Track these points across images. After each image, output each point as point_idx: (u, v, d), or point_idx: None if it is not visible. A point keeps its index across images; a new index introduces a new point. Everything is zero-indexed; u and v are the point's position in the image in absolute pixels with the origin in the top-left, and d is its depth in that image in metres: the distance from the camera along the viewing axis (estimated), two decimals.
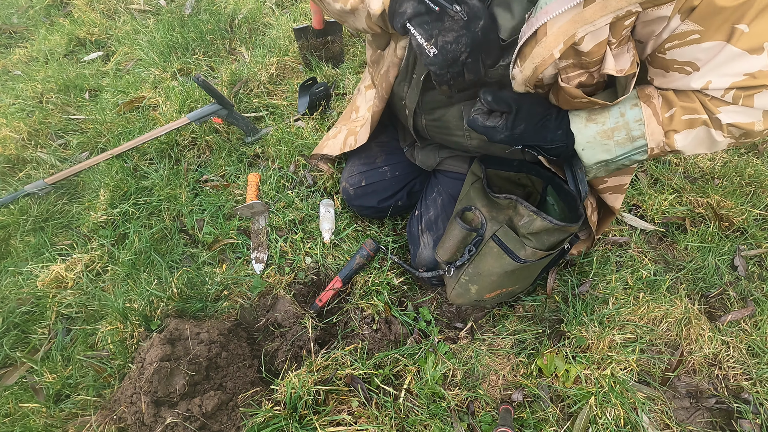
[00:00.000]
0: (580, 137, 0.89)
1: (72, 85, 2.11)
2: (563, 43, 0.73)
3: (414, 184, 1.48)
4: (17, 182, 1.77)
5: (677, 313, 1.30)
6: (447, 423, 1.13)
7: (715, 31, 0.67)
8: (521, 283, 1.22)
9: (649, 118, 0.82)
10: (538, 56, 0.76)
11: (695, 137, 0.82)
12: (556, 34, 0.73)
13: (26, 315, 1.41)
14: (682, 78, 0.77)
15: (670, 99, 0.82)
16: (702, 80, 0.74)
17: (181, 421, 1.09)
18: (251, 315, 1.35)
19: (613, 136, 0.86)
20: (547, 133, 0.90)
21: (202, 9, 2.43)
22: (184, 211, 1.60)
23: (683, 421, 1.17)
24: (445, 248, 1.16)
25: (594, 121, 0.86)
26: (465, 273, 1.17)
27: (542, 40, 0.75)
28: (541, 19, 0.74)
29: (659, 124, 0.82)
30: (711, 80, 0.74)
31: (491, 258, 1.12)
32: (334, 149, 1.51)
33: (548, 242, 1.06)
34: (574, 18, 0.71)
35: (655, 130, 0.83)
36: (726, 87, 0.73)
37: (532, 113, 0.89)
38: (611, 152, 0.88)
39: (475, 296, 1.19)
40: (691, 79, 0.75)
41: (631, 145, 0.86)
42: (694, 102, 0.80)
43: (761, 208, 1.53)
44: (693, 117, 0.80)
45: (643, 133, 0.83)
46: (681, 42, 0.71)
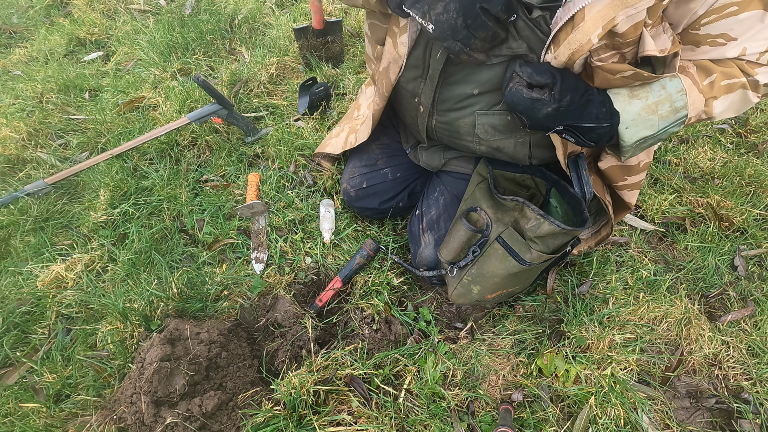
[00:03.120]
0: (626, 115, 0.86)
1: (72, 85, 2.11)
2: (602, 28, 0.72)
3: (415, 185, 1.48)
4: (17, 182, 1.77)
5: (677, 313, 1.30)
6: (447, 423, 1.13)
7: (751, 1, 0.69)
8: (522, 284, 1.23)
9: (689, 87, 0.82)
10: (575, 42, 0.75)
11: (732, 101, 0.83)
12: (595, 18, 0.72)
13: (26, 315, 1.41)
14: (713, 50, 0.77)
15: (707, 66, 0.82)
16: (738, 48, 0.76)
17: (181, 421, 1.09)
18: (251, 315, 1.35)
19: (657, 110, 0.85)
20: (592, 109, 0.85)
21: (202, 9, 2.43)
22: (184, 211, 1.60)
23: (683, 421, 1.17)
24: (449, 248, 1.15)
25: (637, 97, 0.84)
26: (468, 273, 1.17)
27: (580, 25, 0.74)
28: (579, 4, 0.73)
29: (700, 92, 0.83)
30: (747, 47, 0.75)
31: (496, 260, 1.11)
32: (336, 148, 1.51)
33: (553, 245, 1.06)
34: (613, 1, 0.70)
35: (697, 98, 0.83)
36: (762, 51, 0.75)
37: (576, 85, 0.85)
38: (654, 127, 0.87)
39: (477, 296, 1.19)
40: (727, 49, 0.76)
41: (674, 116, 0.85)
42: (732, 67, 0.80)
43: (761, 208, 1.53)
44: (732, 81, 0.81)
45: (685, 103, 0.83)
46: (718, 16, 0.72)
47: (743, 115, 1.81)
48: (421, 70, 1.09)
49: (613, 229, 1.26)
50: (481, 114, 1.08)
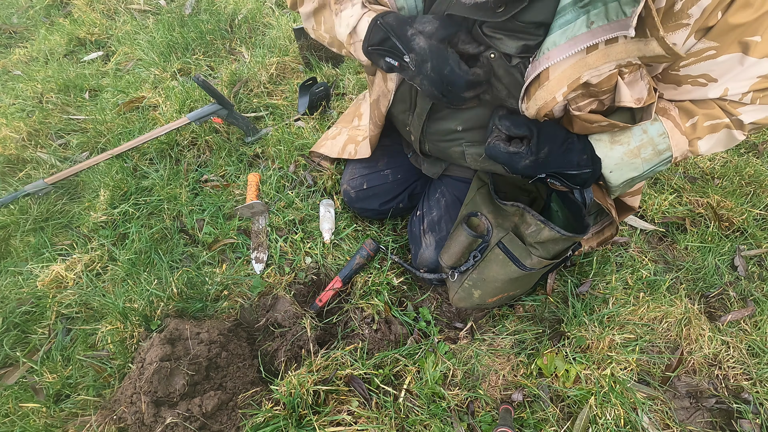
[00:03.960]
0: (608, 161, 0.87)
1: (72, 85, 2.11)
2: (567, 87, 0.74)
3: (415, 186, 1.48)
4: (17, 182, 1.77)
5: (677, 313, 1.30)
6: (447, 423, 1.13)
7: (729, 45, 0.69)
8: (523, 287, 1.23)
9: (671, 130, 0.82)
10: (540, 99, 0.78)
11: (717, 140, 0.83)
12: (559, 78, 0.74)
13: (26, 315, 1.41)
14: (696, 90, 0.77)
15: (689, 108, 0.82)
16: (719, 89, 0.75)
17: (181, 421, 1.09)
18: (251, 315, 1.35)
19: (640, 154, 0.85)
20: (572, 156, 0.86)
21: (202, 9, 2.43)
22: (184, 211, 1.60)
23: (683, 421, 1.17)
24: (450, 254, 1.16)
25: (618, 143, 0.85)
26: (469, 278, 1.18)
27: (545, 83, 0.76)
28: (543, 64, 0.74)
29: (682, 134, 0.83)
30: (728, 87, 0.75)
31: (496, 265, 1.12)
32: (332, 151, 1.51)
33: (554, 251, 1.06)
34: (577, 63, 0.72)
35: (680, 140, 0.83)
36: (744, 91, 0.75)
37: (554, 135, 0.86)
38: (639, 169, 0.88)
39: (478, 300, 1.20)
40: (708, 90, 0.76)
41: (658, 158, 0.86)
42: (714, 108, 0.80)
43: (761, 208, 1.53)
44: (715, 122, 0.80)
45: (668, 145, 0.83)
46: (697, 59, 0.72)
47: None
48: (409, 104, 1.13)
49: (618, 231, 1.26)
50: (468, 146, 1.11)
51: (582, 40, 0.69)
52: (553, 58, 0.73)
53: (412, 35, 0.83)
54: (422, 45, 0.82)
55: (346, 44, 0.95)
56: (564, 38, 0.71)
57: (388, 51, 0.88)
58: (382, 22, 0.87)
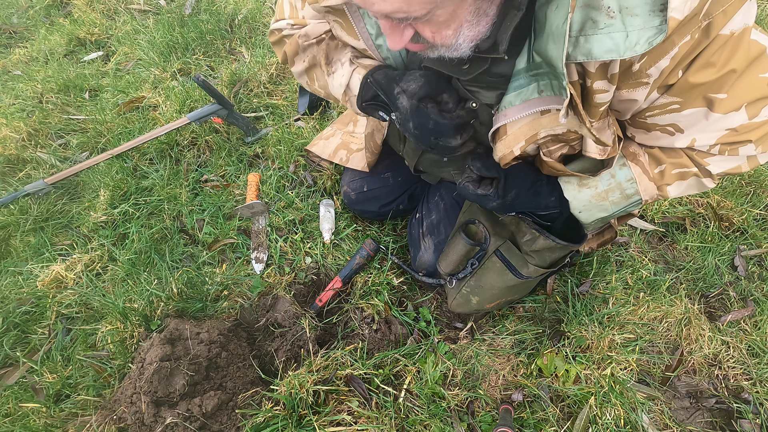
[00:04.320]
0: (576, 203, 0.90)
1: (72, 85, 2.11)
2: (524, 141, 0.77)
3: (415, 188, 1.48)
4: (17, 182, 1.77)
5: (677, 313, 1.30)
6: (447, 423, 1.13)
7: (693, 100, 0.68)
8: (521, 293, 1.25)
9: (639, 176, 0.84)
10: (499, 151, 0.82)
11: (687, 185, 0.84)
12: (516, 134, 0.78)
13: (26, 315, 1.41)
14: (665, 137, 0.77)
15: (657, 156, 0.83)
16: (686, 140, 0.75)
17: (181, 421, 1.09)
18: (251, 315, 1.35)
19: (608, 197, 0.88)
20: (540, 199, 0.91)
21: (202, 9, 2.43)
22: (184, 211, 1.60)
23: (683, 421, 1.17)
24: (448, 261, 1.17)
25: (586, 186, 0.88)
26: (467, 285, 1.19)
27: (503, 137, 0.80)
28: (501, 120, 0.77)
29: (651, 180, 0.84)
30: (696, 138, 0.74)
31: (494, 273, 1.14)
32: (323, 151, 1.51)
33: (550, 259, 1.07)
34: (532, 122, 0.75)
35: (648, 186, 0.84)
36: (711, 144, 0.74)
37: (523, 179, 0.90)
38: (608, 210, 0.90)
39: (476, 306, 1.21)
40: (676, 139, 0.76)
41: (626, 201, 0.88)
42: (682, 157, 0.81)
43: (761, 208, 1.53)
44: (683, 170, 0.81)
45: (636, 190, 0.85)
46: (661, 111, 0.72)
47: None
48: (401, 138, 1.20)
49: (617, 234, 1.26)
50: (456, 173, 1.17)
51: (534, 104, 0.72)
52: (510, 116, 0.76)
53: (398, 94, 0.86)
54: (405, 105, 0.85)
55: (342, 101, 0.99)
56: (518, 100, 0.74)
57: (380, 105, 0.92)
58: (372, 80, 0.90)
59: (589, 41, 0.59)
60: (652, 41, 0.56)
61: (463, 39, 0.65)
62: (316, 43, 0.97)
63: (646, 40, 0.56)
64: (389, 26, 0.64)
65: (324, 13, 0.83)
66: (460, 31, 0.63)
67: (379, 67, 0.91)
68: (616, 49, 0.58)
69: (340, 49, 0.95)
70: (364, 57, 0.94)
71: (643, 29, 0.56)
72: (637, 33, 0.56)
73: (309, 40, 0.97)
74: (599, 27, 0.58)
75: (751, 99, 0.67)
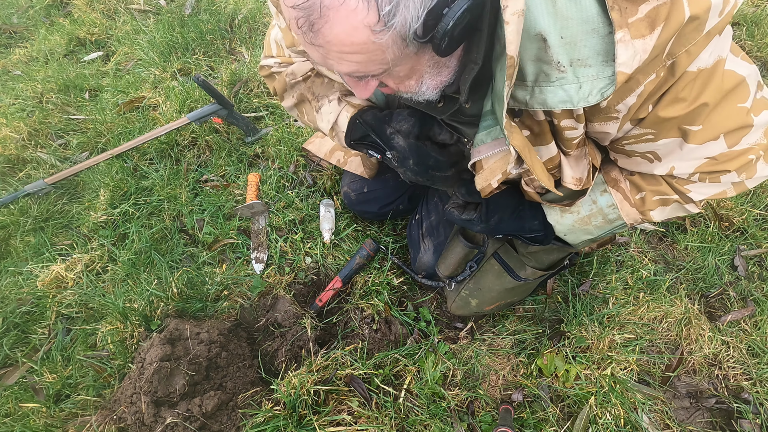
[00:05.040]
0: (560, 227, 0.92)
1: (72, 85, 2.11)
2: (501, 174, 0.80)
3: (415, 189, 1.48)
4: (17, 182, 1.77)
5: (677, 313, 1.30)
6: (447, 423, 1.13)
7: (667, 131, 0.68)
8: (520, 296, 1.26)
9: (620, 202, 0.85)
10: (479, 184, 0.85)
11: (670, 210, 0.85)
12: (492, 168, 0.81)
13: (26, 315, 1.41)
14: (645, 163, 0.78)
15: (637, 183, 0.84)
16: (666, 167, 0.75)
17: (181, 421, 1.09)
18: (251, 315, 1.35)
19: (591, 222, 0.90)
20: (524, 223, 0.94)
21: (202, 9, 2.43)
22: (184, 211, 1.60)
23: (683, 421, 1.17)
24: (446, 264, 1.18)
25: (569, 212, 0.90)
26: (466, 288, 1.20)
27: (481, 172, 0.83)
28: (475, 156, 0.81)
29: (632, 206, 0.85)
30: (675, 166, 0.74)
31: (492, 275, 1.15)
32: (319, 150, 1.52)
33: (548, 261, 1.07)
34: (504, 158, 0.77)
35: (630, 211, 0.86)
36: (691, 172, 0.74)
37: (505, 204, 0.92)
38: (592, 233, 0.92)
39: (475, 309, 1.22)
40: (655, 166, 0.76)
41: (610, 225, 0.90)
42: (662, 185, 0.81)
43: (761, 208, 1.53)
44: (664, 197, 0.82)
45: (618, 215, 0.87)
46: (637, 140, 0.72)
47: None
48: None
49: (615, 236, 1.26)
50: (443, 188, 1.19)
51: (502, 142, 0.75)
52: (483, 153, 0.79)
53: (391, 134, 0.89)
54: (402, 144, 0.88)
55: (329, 136, 1.01)
56: (489, 138, 0.77)
57: (370, 145, 0.95)
58: (361, 121, 0.92)
59: (543, 92, 0.60)
60: (605, 92, 0.57)
61: (426, 87, 0.66)
62: (302, 80, 1.00)
63: (598, 90, 0.57)
64: (352, 81, 0.65)
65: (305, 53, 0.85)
66: (422, 81, 0.65)
67: (367, 110, 0.94)
68: (569, 100, 0.59)
69: (327, 86, 0.97)
70: (352, 95, 0.97)
71: (597, 79, 0.57)
72: (590, 83, 0.57)
73: (296, 78, 0.99)
74: (551, 80, 0.59)
75: (729, 129, 0.67)
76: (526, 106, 0.63)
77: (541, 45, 0.57)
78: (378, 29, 0.50)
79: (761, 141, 0.70)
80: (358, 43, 0.52)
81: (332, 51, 0.54)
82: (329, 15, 0.49)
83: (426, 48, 0.57)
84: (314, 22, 0.51)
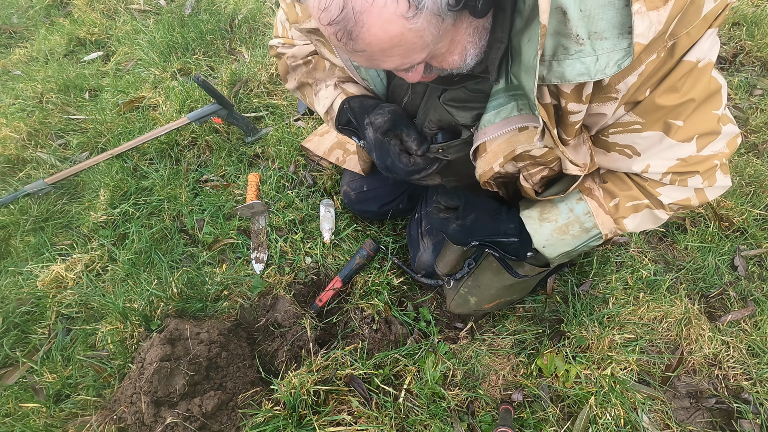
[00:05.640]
0: (539, 237, 0.93)
1: (72, 85, 2.11)
2: (503, 158, 0.81)
3: (415, 188, 1.48)
4: (17, 182, 1.77)
5: (677, 313, 1.30)
6: (447, 423, 1.13)
7: (653, 123, 0.72)
8: (519, 294, 1.25)
9: (596, 209, 0.87)
10: (480, 168, 0.86)
11: (642, 218, 0.87)
12: (495, 151, 0.82)
13: (26, 315, 1.41)
14: (622, 159, 0.80)
15: (611, 190, 0.86)
16: (642, 164, 0.78)
17: (181, 421, 1.09)
18: (251, 315, 1.35)
19: (568, 231, 0.91)
20: (500, 225, 0.95)
21: (202, 9, 2.43)
22: (184, 211, 1.60)
23: (683, 421, 1.17)
24: (445, 261, 1.18)
25: (547, 220, 0.91)
26: (464, 285, 1.20)
27: (483, 155, 0.84)
28: (481, 138, 0.81)
29: (607, 213, 0.87)
30: (650, 164, 0.78)
31: (490, 272, 1.15)
32: (318, 148, 1.52)
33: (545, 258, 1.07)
34: (510, 138, 0.78)
35: (605, 219, 0.88)
36: (664, 171, 0.78)
37: (483, 205, 0.94)
38: (570, 244, 0.93)
39: (475, 306, 1.22)
40: (633, 162, 0.79)
41: (587, 235, 0.91)
42: (633, 189, 0.84)
43: (761, 208, 1.53)
44: (636, 203, 0.85)
45: (594, 223, 0.88)
46: (624, 129, 0.75)
47: (743, 115, 1.81)
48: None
49: None
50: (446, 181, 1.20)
51: (514, 121, 0.75)
52: (489, 134, 0.79)
53: (366, 125, 0.93)
54: (370, 136, 0.92)
55: (324, 119, 1.05)
56: (498, 118, 0.77)
57: (353, 131, 0.99)
58: (348, 106, 0.97)
59: (561, 66, 0.62)
60: (621, 63, 0.58)
61: (470, 58, 0.67)
62: (303, 64, 1.02)
63: (615, 62, 0.58)
64: (401, 72, 0.68)
65: (307, 33, 0.86)
66: (466, 53, 0.66)
67: (356, 97, 0.97)
68: (587, 72, 0.60)
69: (327, 72, 1.00)
70: (349, 82, 1.00)
71: (613, 51, 0.58)
72: (607, 56, 0.58)
73: (297, 61, 1.02)
74: (570, 53, 0.60)
75: (702, 132, 0.72)
76: (543, 81, 0.64)
77: (561, 18, 0.58)
78: (410, 15, 0.52)
79: (724, 150, 0.75)
80: (396, 35, 0.53)
81: (375, 52, 0.56)
82: (363, 19, 0.52)
83: (462, 15, 0.59)
84: (351, 30, 0.53)
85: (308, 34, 0.86)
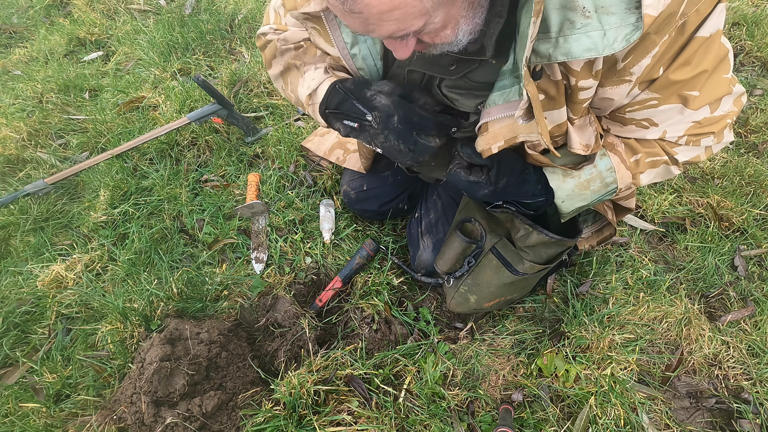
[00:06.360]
0: (560, 192, 0.93)
1: (72, 85, 2.11)
2: (504, 141, 0.81)
3: (415, 187, 1.48)
4: (17, 182, 1.77)
5: (677, 313, 1.30)
6: (447, 423, 1.13)
7: (669, 96, 0.73)
8: (519, 292, 1.24)
9: (618, 165, 0.88)
10: (479, 146, 0.86)
11: (656, 173, 0.90)
12: (496, 133, 0.82)
13: (26, 315, 1.41)
14: (638, 130, 0.82)
15: (633, 146, 0.87)
16: (658, 132, 0.81)
17: (181, 421, 1.09)
18: (251, 315, 1.35)
19: (590, 186, 0.91)
20: (528, 187, 0.93)
21: (202, 9, 2.43)
22: (184, 211, 1.60)
23: (683, 421, 1.17)
24: (444, 259, 1.17)
25: (570, 176, 0.91)
26: (464, 283, 1.19)
27: (485, 133, 0.83)
28: (485, 117, 0.81)
29: (627, 168, 0.88)
30: (667, 131, 0.80)
31: (490, 270, 1.14)
32: (318, 149, 1.52)
33: (546, 255, 1.07)
34: (512, 125, 0.78)
35: (625, 174, 0.88)
36: (680, 135, 0.80)
37: (513, 167, 0.92)
38: (587, 199, 0.94)
39: (475, 305, 1.21)
40: (649, 132, 0.81)
41: (605, 190, 0.91)
42: (655, 147, 0.86)
43: (761, 208, 1.53)
44: (656, 159, 0.87)
45: (614, 178, 0.89)
46: (641, 106, 0.76)
47: (743, 115, 1.81)
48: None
49: (616, 231, 1.26)
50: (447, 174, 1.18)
51: (515, 105, 0.74)
52: (492, 114, 0.79)
53: (372, 95, 0.88)
54: (385, 102, 0.87)
55: (305, 104, 0.99)
56: (501, 99, 0.78)
57: (346, 114, 0.92)
58: (340, 86, 0.91)
59: (567, 41, 0.61)
60: (630, 38, 0.57)
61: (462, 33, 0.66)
62: (294, 48, 0.99)
63: (623, 37, 0.58)
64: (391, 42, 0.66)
65: (302, 19, 0.85)
66: (458, 28, 0.65)
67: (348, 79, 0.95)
68: (594, 48, 0.60)
69: (318, 57, 0.97)
70: (340, 70, 0.97)
71: (620, 27, 0.58)
72: (615, 31, 0.58)
73: (287, 45, 0.99)
74: (576, 27, 0.60)
75: (717, 97, 0.74)
76: (549, 59, 0.63)
77: None
78: None
79: (733, 109, 0.78)
80: None
81: (372, 14, 0.55)
82: None
83: None
84: None
85: (305, 20, 0.85)
